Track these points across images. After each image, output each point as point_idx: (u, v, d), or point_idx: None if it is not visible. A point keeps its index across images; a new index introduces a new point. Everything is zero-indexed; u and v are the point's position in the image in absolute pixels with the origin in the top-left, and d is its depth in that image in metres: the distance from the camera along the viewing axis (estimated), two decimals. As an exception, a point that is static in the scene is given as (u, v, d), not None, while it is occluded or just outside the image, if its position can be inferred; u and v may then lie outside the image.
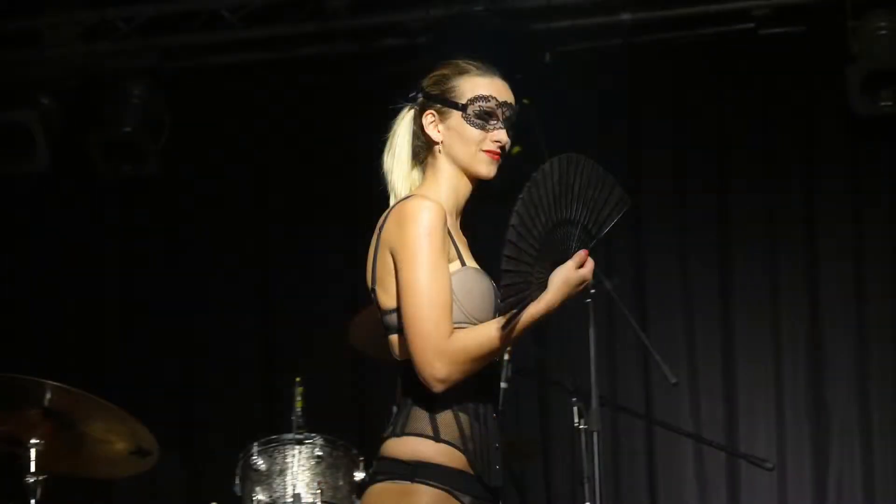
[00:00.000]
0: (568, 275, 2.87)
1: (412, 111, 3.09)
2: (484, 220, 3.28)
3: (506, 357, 4.27)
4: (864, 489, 5.86)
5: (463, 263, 2.96)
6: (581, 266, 2.89)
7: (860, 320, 5.97)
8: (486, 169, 3.02)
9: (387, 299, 2.94)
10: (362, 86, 6.15)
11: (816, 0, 5.98)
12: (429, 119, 3.05)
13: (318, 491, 4.46)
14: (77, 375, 4.48)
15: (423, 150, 3.07)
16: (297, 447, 4.51)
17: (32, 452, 4.09)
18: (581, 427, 4.18)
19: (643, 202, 6.03)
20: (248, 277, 6.43)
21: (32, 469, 4.08)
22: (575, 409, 4.29)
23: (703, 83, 6.23)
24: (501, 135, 3.02)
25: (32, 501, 4.07)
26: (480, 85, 3.03)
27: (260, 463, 4.51)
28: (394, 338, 2.95)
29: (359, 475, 4.54)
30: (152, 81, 6.36)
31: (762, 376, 6.01)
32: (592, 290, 3.72)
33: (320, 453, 4.50)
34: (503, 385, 4.33)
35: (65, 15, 6.28)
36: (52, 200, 6.52)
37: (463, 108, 3.01)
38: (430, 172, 3.05)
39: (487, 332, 2.86)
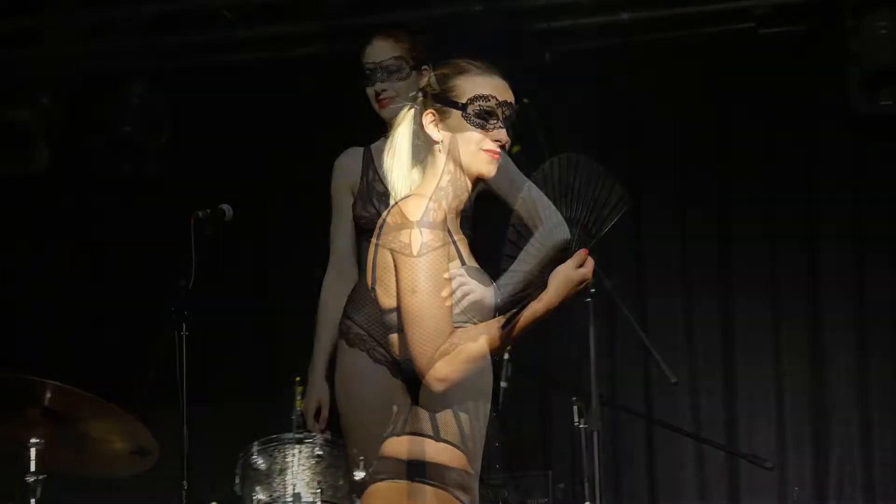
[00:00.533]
0: (568, 274, 2.87)
1: (412, 110, 3.08)
2: (484, 220, 3.28)
3: (506, 357, 4.27)
4: (865, 489, 5.86)
5: (463, 263, 2.96)
6: (581, 265, 2.89)
7: (860, 320, 5.97)
8: (487, 168, 3.02)
9: (387, 299, 2.94)
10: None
11: (816, -1, 6.00)
12: (429, 118, 3.04)
13: (318, 490, 4.46)
14: (77, 375, 4.48)
15: (424, 149, 3.06)
16: (297, 447, 4.51)
17: (32, 452, 4.09)
18: (581, 427, 4.19)
19: (643, 202, 6.02)
20: (248, 277, 6.42)
21: (32, 469, 4.08)
22: (575, 408, 4.29)
23: (703, 83, 6.23)
24: (501, 134, 3.02)
25: (32, 501, 4.07)
26: (480, 84, 3.02)
27: (260, 462, 4.51)
28: (394, 337, 2.95)
29: (359, 475, 4.53)
30: (152, 81, 6.35)
31: (762, 376, 6.01)
32: (592, 290, 3.73)
33: (320, 453, 4.49)
34: (503, 385, 4.34)
35: (65, 15, 6.28)
36: (52, 200, 6.51)
37: (463, 107, 3.01)
38: (431, 172, 3.04)
39: (488, 332, 2.86)
